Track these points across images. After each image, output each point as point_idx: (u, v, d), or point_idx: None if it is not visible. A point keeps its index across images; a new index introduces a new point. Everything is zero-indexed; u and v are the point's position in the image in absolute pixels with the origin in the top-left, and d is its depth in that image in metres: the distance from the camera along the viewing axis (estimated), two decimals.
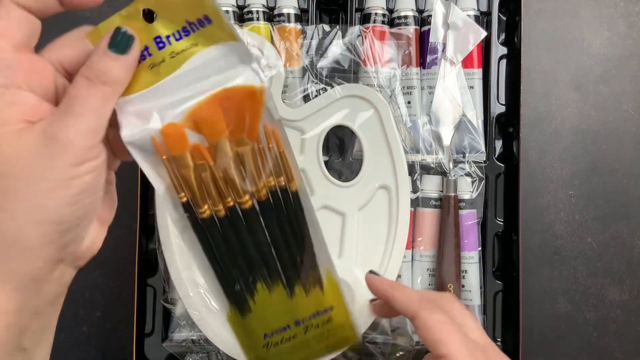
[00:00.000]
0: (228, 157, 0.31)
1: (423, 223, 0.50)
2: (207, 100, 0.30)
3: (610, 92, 0.57)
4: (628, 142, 0.56)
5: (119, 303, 0.51)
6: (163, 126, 0.30)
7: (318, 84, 0.47)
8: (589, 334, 0.55)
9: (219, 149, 0.31)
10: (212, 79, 0.30)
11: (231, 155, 0.31)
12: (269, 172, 0.33)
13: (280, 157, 0.33)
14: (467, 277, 0.49)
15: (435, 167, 0.50)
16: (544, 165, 0.56)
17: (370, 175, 0.46)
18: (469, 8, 0.50)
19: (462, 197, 0.50)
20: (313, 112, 0.46)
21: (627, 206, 0.56)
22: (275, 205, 0.34)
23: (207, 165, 0.31)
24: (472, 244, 0.50)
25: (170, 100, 0.30)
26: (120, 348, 0.53)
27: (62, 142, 0.25)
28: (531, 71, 0.56)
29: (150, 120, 0.30)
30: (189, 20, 0.28)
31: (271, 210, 0.34)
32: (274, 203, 0.34)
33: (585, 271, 0.56)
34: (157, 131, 0.30)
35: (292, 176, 0.34)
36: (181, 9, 0.28)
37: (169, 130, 0.30)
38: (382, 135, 0.46)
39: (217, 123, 0.31)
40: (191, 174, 0.32)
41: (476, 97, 0.50)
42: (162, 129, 0.30)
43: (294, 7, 0.49)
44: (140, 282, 0.47)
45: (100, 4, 0.30)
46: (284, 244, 0.35)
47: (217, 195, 0.32)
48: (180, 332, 0.48)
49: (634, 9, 0.57)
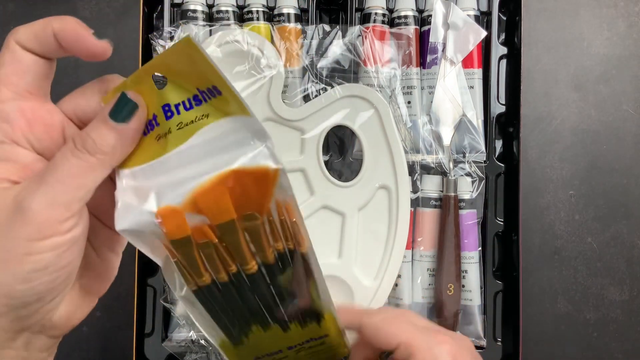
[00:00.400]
0: (236, 235, 0.28)
1: (423, 223, 0.50)
2: (212, 182, 0.26)
3: (610, 92, 0.57)
4: (628, 142, 0.56)
5: (119, 303, 0.51)
6: (159, 209, 0.26)
7: (318, 84, 0.47)
8: (589, 334, 0.55)
9: (225, 228, 0.28)
10: (220, 157, 0.26)
11: (239, 232, 0.28)
12: (278, 239, 0.30)
13: (291, 226, 0.30)
14: (467, 277, 0.49)
15: (435, 167, 0.50)
16: (544, 165, 0.56)
17: (370, 175, 0.46)
18: (469, 8, 0.50)
19: (462, 197, 0.50)
20: (313, 112, 0.46)
21: (627, 206, 0.56)
22: (282, 267, 0.31)
23: (211, 243, 0.28)
24: (472, 244, 0.50)
25: (172, 179, 0.26)
26: (120, 348, 0.53)
27: (25, 212, 0.22)
28: (531, 71, 0.56)
29: (147, 201, 0.26)
30: (200, 88, 0.25)
31: (278, 272, 0.31)
32: (282, 265, 0.31)
33: (585, 271, 0.56)
34: (153, 214, 0.26)
35: (301, 240, 0.31)
36: (192, 76, 0.25)
37: (166, 214, 0.26)
38: (382, 135, 0.46)
39: (223, 207, 0.27)
40: (194, 252, 0.28)
41: (476, 97, 0.50)
42: (159, 212, 0.26)
43: (294, 7, 0.49)
44: (140, 282, 0.47)
45: (100, 7, 0.29)
46: (288, 299, 0.32)
47: (220, 265, 0.29)
48: (180, 332, 0.48)
49: (634, 9, 0.57)
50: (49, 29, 0.25)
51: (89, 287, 0.28)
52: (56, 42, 0.25)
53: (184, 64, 0.25)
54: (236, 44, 0.44)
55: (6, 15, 0.54)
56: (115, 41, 0.54)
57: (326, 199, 0.46)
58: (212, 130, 0.26)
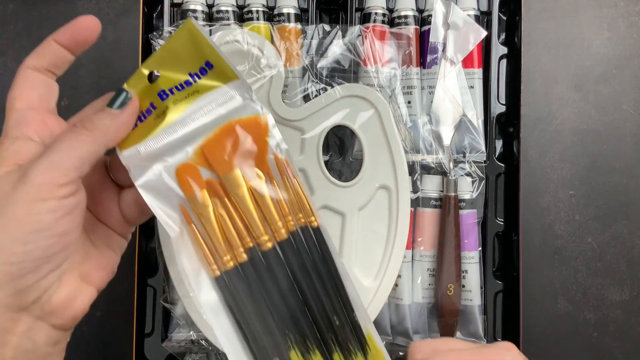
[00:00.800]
0: (242, 188, 0.31)
1: (423, 223, 0.50)
2: (215, 134, 0.31)
3: (611, 92, 0.57)
4: (628, 142, 0.56)
5: (119, 303, 0.51)
6: (178, 167, 0.31)
7: (318, 84, 0.47)
8: (589, 334, 0.55)
9: (232, 181, 0.31)
10: (216, 114, 0.31)
11: (245, 187, 0.32)
12: (286, 208, 0.32)
13: (295, 189, 0.33)
14: (467, 277, 0.49)
15: (436, 167, 0.50)
16: (544, 165, 0.56)
17: (370, 175, 0.46)
18: (469, 8, 0.50)
19: (462, 197, 0.50)
20: (313, 112, 0.46)
21: (627, 206, 0.56)
22: (297, 246, 0.32)
23: (223, 204, 0.31)
24: (472, 244, 0.50)
25: (179, 141, 0.31)
26: (120, 348, 0.53)
27: (26, 176, 0.25)
28: (531, 71, 0.56)
29: (158, 161, 0.31)
30: (191, 72, 0.30)
31: (293, 251, 0.32)
32: (296, 243, 0.32)
33: (585, 271, 0.56)
34: (172, 171, 0.31)
35: (311, 210, 0.33)
36: (184, 62, 0.30)
37: (183, 170, 0.31)
38: (382, 135, 0.46)
39: (227, 156, 0.31)
40: (210, 214, 0.31)
41: (476, 97, 0.50)
42: (177, 169, 0.31)
43: (294, 7, 0.49)
44: (140, 282, 0.47)
45: (100, 7, 0.32)
46: (314, 292, 0.32)
47: (236, 236, 0.32)
48: (180, 332, 0.48)
49: (634, 9, 0.57)
50: (49, 41, 0.29)
51: (88, 276, 0.30)
52: (59, 47, 0.29)
53: (184, 45, 0.30)
54: (236, 44, 0.44)
55: (6, 15, 0.54)
56: (115, 41, 0.55)
57: (326, 199, 0.46)
58: (205, 98, 0.31)
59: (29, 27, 0.54)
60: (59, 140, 0.27)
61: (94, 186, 0.31)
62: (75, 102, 0.54)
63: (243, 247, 0.32)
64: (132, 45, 0.54)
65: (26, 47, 0.54)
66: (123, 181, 0.32)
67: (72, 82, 0.54)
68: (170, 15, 0.50)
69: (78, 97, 0.54)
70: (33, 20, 0.54)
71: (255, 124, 0.31)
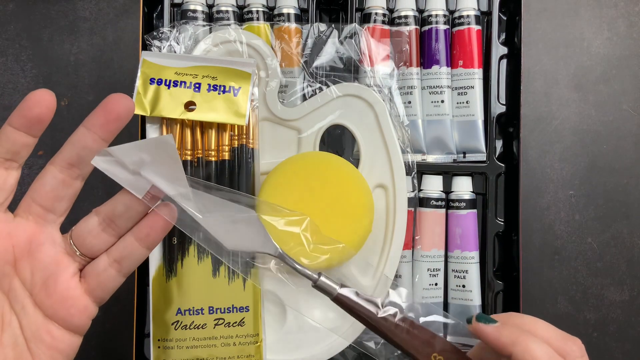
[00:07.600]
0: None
1: (423, 223, 0.50)
2: None
3: (610, 92, 0.56)
4: (628, 142, 0.56)
5: (119, 303, 0.51)
6: None
7: (314, 84, 0.47)
8: (589, 334, 0.55)
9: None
10: None
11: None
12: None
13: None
14: (468, 277, 0.49)
15: (436, 167, 0.50)
16: (544, 165, 0.56)
17: (367, 174, 0.46)
18: (469, 8, 0.50)
19: (462, 197, 0.50)
20: (310, 111, 0.46)
21: (627, 206, 0.56)
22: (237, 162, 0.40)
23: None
24: (472, 244, 0.50)
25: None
26: (120, 348, 0.53)
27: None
28: (531, 71, 0.56)
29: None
30: None
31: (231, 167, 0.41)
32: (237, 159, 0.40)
33: (585, 271, 0.56)
34: None
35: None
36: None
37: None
38: (378, 134, 0.46)
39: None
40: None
41: (476, 97, 0.50)
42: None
43: (294, 7, 0.49)
44: (140, 282, 0.47)
45: (100, 7, 0.31)
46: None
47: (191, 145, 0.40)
48: None
49: (634, 9, 0.57)
50: (4, 126, 0.28)
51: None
52: (15, 130, 0.28)
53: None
54: (232, 44, 0.45)
55: (6, 15, 0.54)
56: (115, 41, 0.55)
57: None
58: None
59: (29, 27, 0.54)
60: None
61: (48, 266, 0.30)
62: (75, 102, 0.54)
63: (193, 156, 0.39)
64: (132, 45, 0.54)
65: (26, 47, 0.54)
66: (93, 247, 0.31)
67: (72, 82, 0.54)
68: (170, 15, 0.50)
69: (78, 97, 0.54)
70: (33, 20, 0.54)
71: None
